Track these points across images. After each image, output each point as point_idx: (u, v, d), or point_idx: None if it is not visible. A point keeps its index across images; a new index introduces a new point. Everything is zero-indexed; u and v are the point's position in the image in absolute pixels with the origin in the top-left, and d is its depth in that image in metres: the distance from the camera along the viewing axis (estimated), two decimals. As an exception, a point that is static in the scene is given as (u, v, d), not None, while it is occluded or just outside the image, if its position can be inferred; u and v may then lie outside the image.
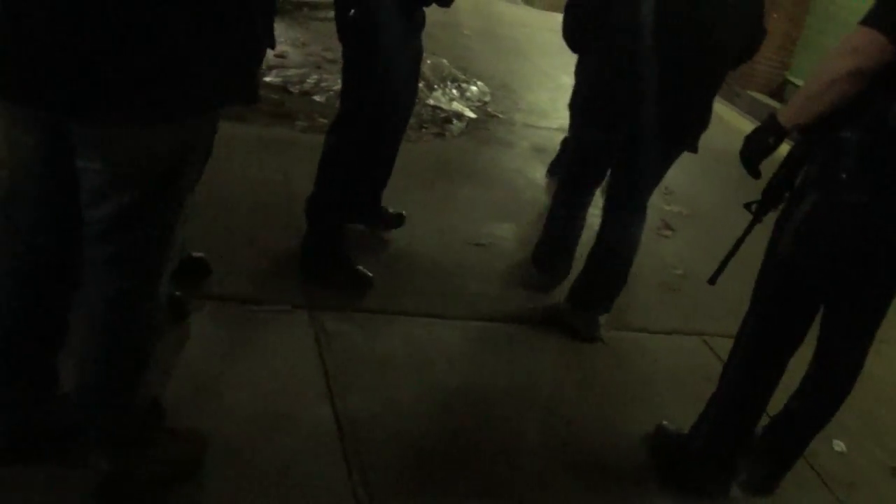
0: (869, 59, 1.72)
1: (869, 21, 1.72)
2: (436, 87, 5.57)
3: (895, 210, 1.87)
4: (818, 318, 2.22)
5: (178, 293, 2.51)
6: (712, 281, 2.24)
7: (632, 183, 2.90)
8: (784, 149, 2.12)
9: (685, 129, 2.78)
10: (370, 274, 3.06)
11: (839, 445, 2.76)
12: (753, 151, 2.09)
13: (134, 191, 1.50)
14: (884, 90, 1.76)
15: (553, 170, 4.59)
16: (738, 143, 2.17)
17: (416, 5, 2.82)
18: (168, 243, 1.64)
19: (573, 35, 2.93)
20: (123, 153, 1.47)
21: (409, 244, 3.42)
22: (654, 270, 3.74)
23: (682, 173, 3.88)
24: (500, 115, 5.46)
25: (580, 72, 3.64)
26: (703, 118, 2.78)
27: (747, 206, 2.17)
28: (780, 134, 2.02)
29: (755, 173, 2.15)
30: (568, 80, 4.68)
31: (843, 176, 1.86)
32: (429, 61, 5.46)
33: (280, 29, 5.96)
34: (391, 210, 3.47)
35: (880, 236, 1.92)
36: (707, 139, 2.85)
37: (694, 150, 2.84)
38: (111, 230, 1.54)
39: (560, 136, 4.70)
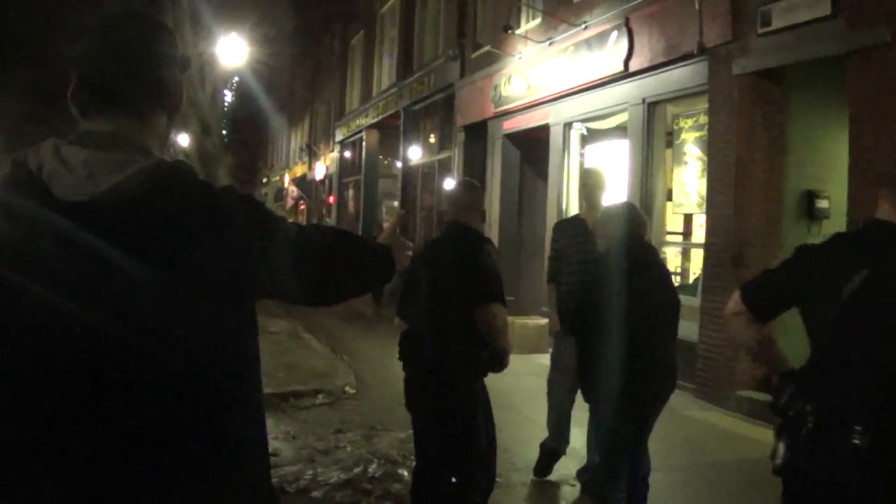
0: (734, 308, 2.54)
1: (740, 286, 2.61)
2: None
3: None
4: None
5: None
6: None
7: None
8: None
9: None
10: None
11: None
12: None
13: None
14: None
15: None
16: (738, 450, 2.41)
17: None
18: None
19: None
20: None
21: None
22: None
23: (691, 499, 3.96)
24: (499, 479, 5.53)
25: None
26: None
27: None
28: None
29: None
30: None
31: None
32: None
33: (268, 424, 6.23)
34: None
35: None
36: (704, 453, 3.07)
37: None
38: None
39: (564, 488, 4.78)
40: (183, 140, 15.48)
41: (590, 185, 5.41)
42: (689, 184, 8.74)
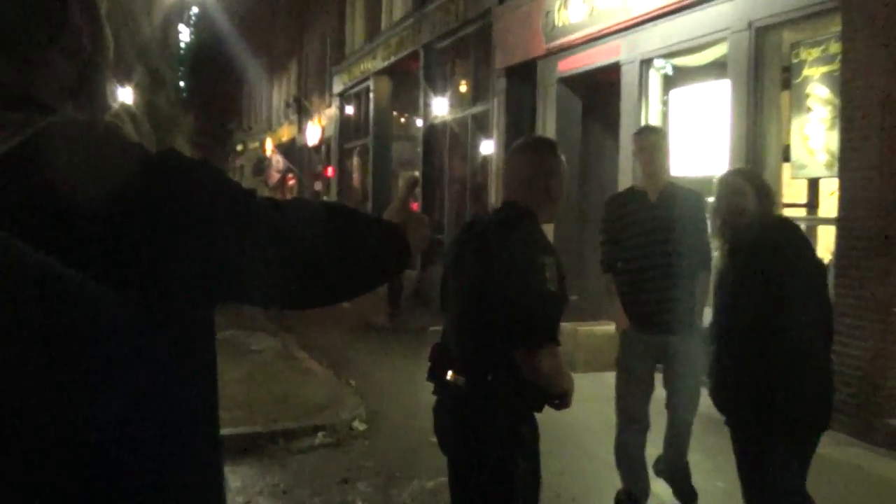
0: None
1: None
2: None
3: None
4: None
5: None
6: None
7: None
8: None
9: None
10: None
11: None
12: None
13: None
14: None
15: None
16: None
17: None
18: None
19: None
20: None
21: None
22: None
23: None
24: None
25: None
26: None
27: None
28: None
29: None
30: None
31: None
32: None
33: (251, 475, 6.25)
34: None
35: None
36: None
37: None
38: None
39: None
40: (126, 95, 15.42)
41: (647, 147, 5.50)
42: (814, 137, 8.60)
